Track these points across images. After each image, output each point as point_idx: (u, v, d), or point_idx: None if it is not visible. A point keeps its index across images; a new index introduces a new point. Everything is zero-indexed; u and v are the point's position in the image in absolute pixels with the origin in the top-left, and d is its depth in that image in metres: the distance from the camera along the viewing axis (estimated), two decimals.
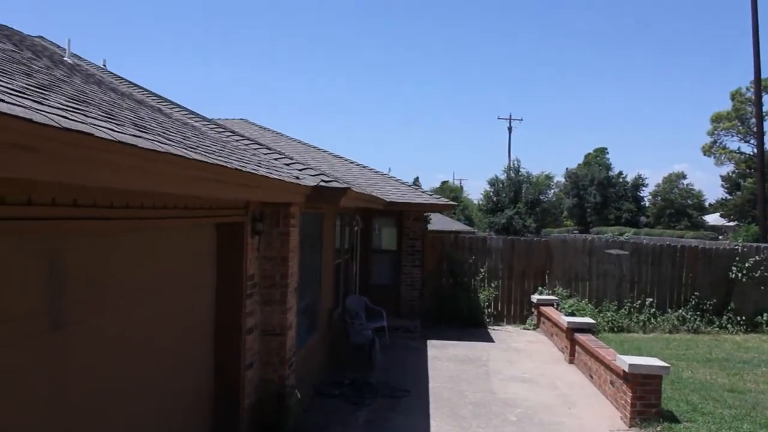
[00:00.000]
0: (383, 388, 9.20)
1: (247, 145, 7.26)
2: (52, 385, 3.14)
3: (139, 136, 2.65)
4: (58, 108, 2.29)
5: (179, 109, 9.28)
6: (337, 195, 6.43)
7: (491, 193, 43.19)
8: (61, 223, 3.04)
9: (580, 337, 10.87)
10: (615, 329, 14.75)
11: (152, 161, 2.58)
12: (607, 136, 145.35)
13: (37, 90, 2.73)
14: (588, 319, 12.02)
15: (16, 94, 2.19)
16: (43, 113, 1.91)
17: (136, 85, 11.19)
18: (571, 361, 11.33)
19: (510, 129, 55.36)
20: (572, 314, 14.06)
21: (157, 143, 2.75)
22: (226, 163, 3.46)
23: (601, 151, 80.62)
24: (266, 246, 6.55)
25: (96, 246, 3.51)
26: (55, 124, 1.82)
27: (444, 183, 77.28)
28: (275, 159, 6.92)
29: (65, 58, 9.56)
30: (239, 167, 3.69)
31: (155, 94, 11.14)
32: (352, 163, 15.69)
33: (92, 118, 2.50)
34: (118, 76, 11.26)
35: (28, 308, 2.96)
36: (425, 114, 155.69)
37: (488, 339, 13.60)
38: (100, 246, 3.55)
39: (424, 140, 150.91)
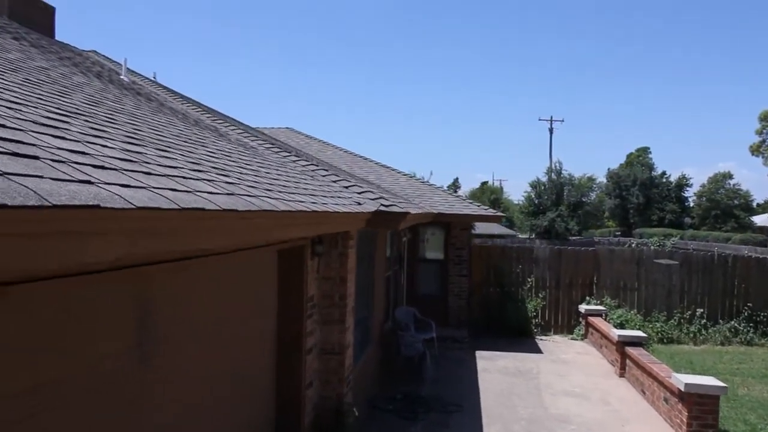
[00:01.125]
0: (435, 402, 9.25)
1: (304, 166, 7.38)
2: (138, 413, 3.29)
3: (232, 193, 2.76)
4: (163, 174, 2.40)
5: (233, 127, 9.48)
6: (396, 219, 6.48)
7: (533, 196, 42.97)
8: (149, 267, 3.18)
9: (631, 351, 10.76)
10: (664, 340, 14.53)
11: (247, 219, 2.69)
12: (649, 135, 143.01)
13: (132, 149, 2.86)
14: (638, 332, 11.88)
15: (127, 166, 2.31)
16: (159, 192, 2.01)
17: (183, 96, 11.51)
18: (621, 375, 11.23)
19: (551, 130, 54.84)
20: (621, 325, 13.93)
21: (246, 198, 2.86)
22: (306, 208, 3.56)
23: (644, 151, 79.02)
24: (325, 267, 6.65)
25: (174, 282, 3.65)
26: (175, 206, 1.93)
27: (484, 184, 76.82)
28: (333, 181, 7.02)
29: (122, 77, 9.90)
30: (315, 208, 3.79)
31: (205, 108, 11.40)
32: (399, 173, 15.72)
33: (188, 178, 2.61)
34: (169, 90, 11.59)
35: (118, 346, 3.10)
36: (465, 114, 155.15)
37: (537, 350, 13.53)
38: (177, 281, 3.69)
39: (464, 141, 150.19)
